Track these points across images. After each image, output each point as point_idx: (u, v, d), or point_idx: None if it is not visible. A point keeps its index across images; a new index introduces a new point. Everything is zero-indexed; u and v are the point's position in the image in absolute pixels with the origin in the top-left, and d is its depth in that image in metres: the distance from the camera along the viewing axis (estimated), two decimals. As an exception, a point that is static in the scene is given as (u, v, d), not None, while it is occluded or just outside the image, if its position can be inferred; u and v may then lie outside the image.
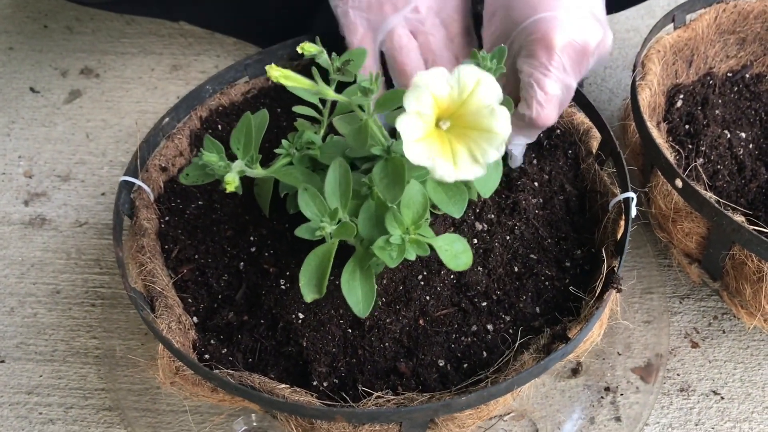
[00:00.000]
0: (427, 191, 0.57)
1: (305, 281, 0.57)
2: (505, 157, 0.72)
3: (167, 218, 0.72)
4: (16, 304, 0.86)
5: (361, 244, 0.59)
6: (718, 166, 0.78)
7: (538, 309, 0.65)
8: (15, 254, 0.90)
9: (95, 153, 1.00)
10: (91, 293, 0.87)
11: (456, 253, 0.59)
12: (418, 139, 0.51)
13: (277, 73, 0.54)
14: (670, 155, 0.71)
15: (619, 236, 0.66)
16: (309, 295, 0.57)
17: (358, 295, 0.58)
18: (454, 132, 0.53)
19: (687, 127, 0.82)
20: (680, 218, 0.73)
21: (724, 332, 0.81)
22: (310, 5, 0.99)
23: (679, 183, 0.69)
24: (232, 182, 0.56)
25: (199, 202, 0.73)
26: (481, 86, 0.52)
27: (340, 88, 0.61)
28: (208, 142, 0.59)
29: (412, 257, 0.57)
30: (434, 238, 0.58)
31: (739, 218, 0.66)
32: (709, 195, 0.68)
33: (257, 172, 0.62)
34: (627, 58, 1.08)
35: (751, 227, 0.65)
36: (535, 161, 0.74)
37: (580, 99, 0.74)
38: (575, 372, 0.78)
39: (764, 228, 0.67)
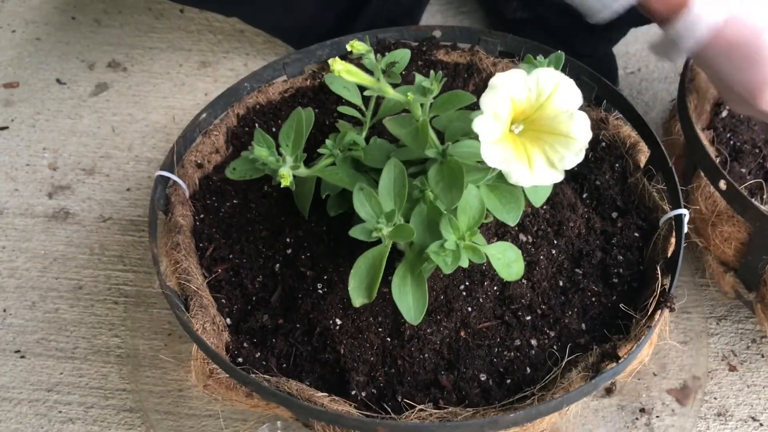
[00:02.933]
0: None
1: (355, 285, 0.55)
2: None
3: (202, 216, 0.70)
4: (38, 299, 0.84)
5: (411, 249, 0.57)
6: (759, 180, 0.76)
7: (584, 325, 0.63)
8: (38, 247, 0.88)
9: (121, 147, 0.98)
10: (114, 290, 0.85)
11: (509, 261, 0.57)
12: (494, 142, 0.49)
13: (340, 66, 0.52)
14: (714, 157, 0.70)
15: (669, 253, 0.64)
16: (358, 300, 0.55)
17: (409, 302, 0.56)
18: (527, 136, 0.51)
19: (729, 135, 0.80)
20: (720, 222, 0.71)
21: (763, 356, 0.79)
22: (353, 10, 0.98)
23: (723, 185, 0.68)
24: (287, 176, 0.54)
25: (234, 201, 0.71)
26: (559, 90, 0.50)
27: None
28: (259, 136, 0.57)
29: (465, 264, 0.55)
30: (486, 245, 0.57)
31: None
32: (753, 199, 0.66)
33: (301, 171, 0.61)
34: (663, 70, 1.06)
35: None
36: (580, 174, 0.72)
37: (628, 111, 0.73)
38: (609, 391, 0.76)
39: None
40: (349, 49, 0.61)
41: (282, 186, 0.56)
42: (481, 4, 1.12)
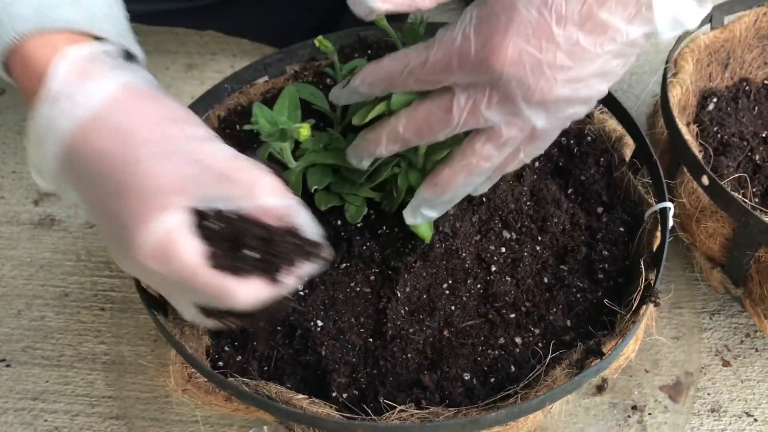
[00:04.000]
0: None
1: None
2: None
3: (182, 219, 0.69)
4: (24, 307, 0.83)
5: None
6: (745, 174, 0.76)
7: (569, 322, 0.62)
8: (23, 255, 0.88)
9: (107, 153, 0.98)
10: (100, 297, 0.84)
11: None
12: None
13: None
14: (697, 152, 0.70)
15: (655, 248, 0.63)
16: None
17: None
18: None
19: (716, 129, 0.79)
20: (704, 218, 0.70)
21: (756, 350, 0.78)
22: (337, 9, 0.97)
23: (705, 180, 0.67)
24: (306, 128, 0.56)
25: (216, 204, 0.71)
26: None
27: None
28: (257, 110, 0.59)
29: None
30: None
31: (768, 218, 0.64)
32: (736, 194, 0.65)
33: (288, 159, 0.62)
34: (653, 63, 1.05)
35: None
36: (565, 169, 0.71)
37: (613, 105, 0.72)
38: (600, 389, 0.75)
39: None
40: (317, 44, 0.62)
41: (301, 139, 0.57)
42: (469, 3, 1.11)
